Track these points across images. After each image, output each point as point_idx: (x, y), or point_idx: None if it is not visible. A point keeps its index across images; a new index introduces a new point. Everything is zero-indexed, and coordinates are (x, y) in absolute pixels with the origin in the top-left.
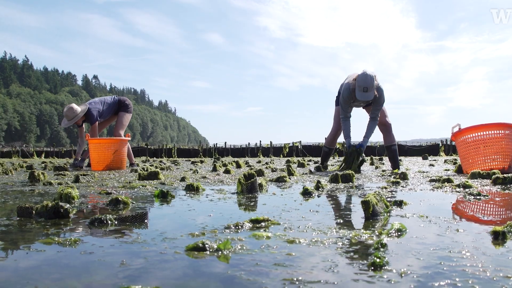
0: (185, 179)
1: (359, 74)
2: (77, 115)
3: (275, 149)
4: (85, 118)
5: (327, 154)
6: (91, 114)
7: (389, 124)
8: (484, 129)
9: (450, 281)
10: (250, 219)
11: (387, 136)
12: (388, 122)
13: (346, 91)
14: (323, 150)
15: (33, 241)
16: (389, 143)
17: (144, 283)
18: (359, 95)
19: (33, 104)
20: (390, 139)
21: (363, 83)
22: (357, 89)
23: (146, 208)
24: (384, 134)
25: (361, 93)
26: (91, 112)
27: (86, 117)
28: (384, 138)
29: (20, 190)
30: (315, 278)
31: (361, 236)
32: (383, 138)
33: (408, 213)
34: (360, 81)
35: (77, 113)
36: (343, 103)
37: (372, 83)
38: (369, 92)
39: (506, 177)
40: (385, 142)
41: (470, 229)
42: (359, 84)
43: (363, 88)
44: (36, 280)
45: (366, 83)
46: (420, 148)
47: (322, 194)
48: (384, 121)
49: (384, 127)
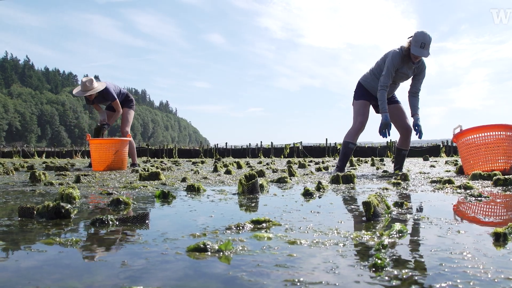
0: (186, 180)
1: (417, 32)
2: (94, 88)
3: (276, 150)
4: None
5: (350, 152)
6: (109, 92)
7: (410, 129)
8: (485, 130)
9: (451, 283)
10: (251, 220)
11: (405, 141)
12: (410, 126)
13: (397, 55)
14: (349, 147)
15: (34, 242)
16: (403, 147)
17: (145, 283)
18: (416, 50)
19: (34, 104)
20: (406, 144)
21: (422, 38)
22: (414, 44)
23: (147, 208)
24: (403, 138)
25: (418, 49)
26: (109, 90)
27: (103, 96)
28: (401, 141)
29: (21, 190)
30: (316, 279)
31: (362, 237)
32: (400, 141)
33: (409, 214)
34: (419, 36)
35: (94, 87)
36: (390, 70)
37: (430, 41)
38: (426, 49)
39: (507, 178)
40: (400, 145)
41: (471, 230)
42: (417, 39)
43: (421, 44)
44: (37, 280)
45: (425, 39)
46: (421, 149)
47: (323, 195)
48: (407, 125)
49: (405, 131)
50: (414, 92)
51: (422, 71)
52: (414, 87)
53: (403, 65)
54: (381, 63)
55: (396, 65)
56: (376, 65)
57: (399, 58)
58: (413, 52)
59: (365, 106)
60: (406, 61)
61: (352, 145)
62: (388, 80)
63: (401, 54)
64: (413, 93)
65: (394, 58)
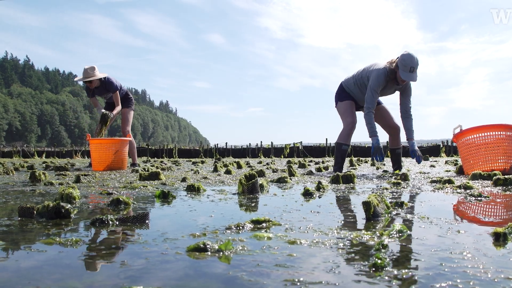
0: (186, 180)
1: (404, 54)
2: (95, 76)
3: (276, 150)
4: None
5: (345, 153)
6: (110, 82)
7: (398, 128)
8: (485, 130)
9: (451, 283)
10: (251, 220)
11: (395, 140)
12: (397, 125)
13: (382, 76)
14: (342, 149)
15: (34, 241)
16: (395, 146)
17: (145, 283)
18: (405, 75)
19: (34, 104)
20: (397, 142)
21: (411, 62)
22: (402, 68)
23: (147, 208)
24: (392, 138)
25: (406, 74)
26: (111, 79)
27: (105, 87)
28: (391, 141)
29: (21, 190)
30: (316, 279)
31: (362, 237)
32: (390, 141)
33: (409, 214)
34: (408, 60)
35: (95, 74)
36: (375, 91)
37: (418, 64)
38: (415, 73)
39: (507, 178)
40: (391, 145)
41: (471, 230)
42: (406, 63)
43: (410, 68)
44: (37, 280)
45: (413, 63)
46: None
47: (323, 195)
48: (394, 124)
49: (393, 130)
50: (405, 111)
51: (408, 88)
52: (404, 105)
53: (387, 84)
54: (365, 76)
55: (380, 86)
56: (360, 77)
57: (384, 79)
58: (402, 77)
59: (351, 105)
60: (390, 81)
61: (345, 146)
62: (374, 103)
63: (385, 75)
64: (405, 113)
65: (379, 78)
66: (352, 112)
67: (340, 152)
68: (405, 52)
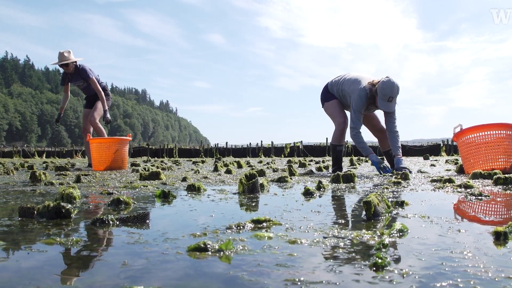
0: (186, 179)
1: (384, 81)
2: (69, 59)
3: (276, 149)
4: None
5: (341, 153)
6: (83, 69)
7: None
8: (485, 129)
9: (452, 282)
10: (252, 220)
11: (385, 142)
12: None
13: (364, 97)
14: (337, 150)
15: (35, 242)
16: (387, 149)
17: (146, 283)
18: (382, 104)
19: (34, 104)
20: (388, 144)
21: (390, 91)
22: (381, 97)
23: (147, 208)
24: (381, 140)
25: (384, 103)
26: (84, 68)
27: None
28: (382, 144)
29: (21, 190)
30: (317, 278)
31: (362, 237)
32: (380, 144)
33: (409, 214)
34: (387, 89)
35: (70, 58)
36: (358, 111)
37: (398, 93)
38: (393, 102)
39: (507, 177)
40: (383, 148)
41: (472, 229)
42: (385, 92)
43: (389, 98)
44: (38, 280)
45: (393, 93)
46: (421, 148)
47: (324, 194)
48: (381, 127)
49: (381, 133)
50: (390, 127)
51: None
52: (389, 122)
53: (369, 103)
54: (346, 90)
55: (364, 106)
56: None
57: (366, 99)
58: (379, 106)
59: (339, 104)
60: (371, 103)
61: (340, 147)
62: (360, 123)
63: (366, 97)
64: (391, 130)
65: (361, 100)
66: (341, 110)
67: (336, 154)
68: (386, 79)
